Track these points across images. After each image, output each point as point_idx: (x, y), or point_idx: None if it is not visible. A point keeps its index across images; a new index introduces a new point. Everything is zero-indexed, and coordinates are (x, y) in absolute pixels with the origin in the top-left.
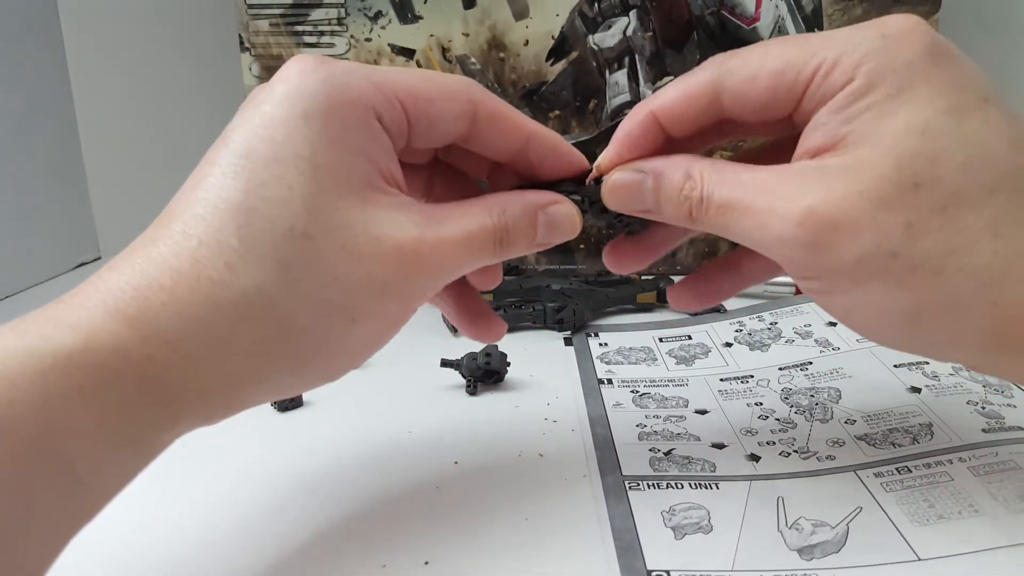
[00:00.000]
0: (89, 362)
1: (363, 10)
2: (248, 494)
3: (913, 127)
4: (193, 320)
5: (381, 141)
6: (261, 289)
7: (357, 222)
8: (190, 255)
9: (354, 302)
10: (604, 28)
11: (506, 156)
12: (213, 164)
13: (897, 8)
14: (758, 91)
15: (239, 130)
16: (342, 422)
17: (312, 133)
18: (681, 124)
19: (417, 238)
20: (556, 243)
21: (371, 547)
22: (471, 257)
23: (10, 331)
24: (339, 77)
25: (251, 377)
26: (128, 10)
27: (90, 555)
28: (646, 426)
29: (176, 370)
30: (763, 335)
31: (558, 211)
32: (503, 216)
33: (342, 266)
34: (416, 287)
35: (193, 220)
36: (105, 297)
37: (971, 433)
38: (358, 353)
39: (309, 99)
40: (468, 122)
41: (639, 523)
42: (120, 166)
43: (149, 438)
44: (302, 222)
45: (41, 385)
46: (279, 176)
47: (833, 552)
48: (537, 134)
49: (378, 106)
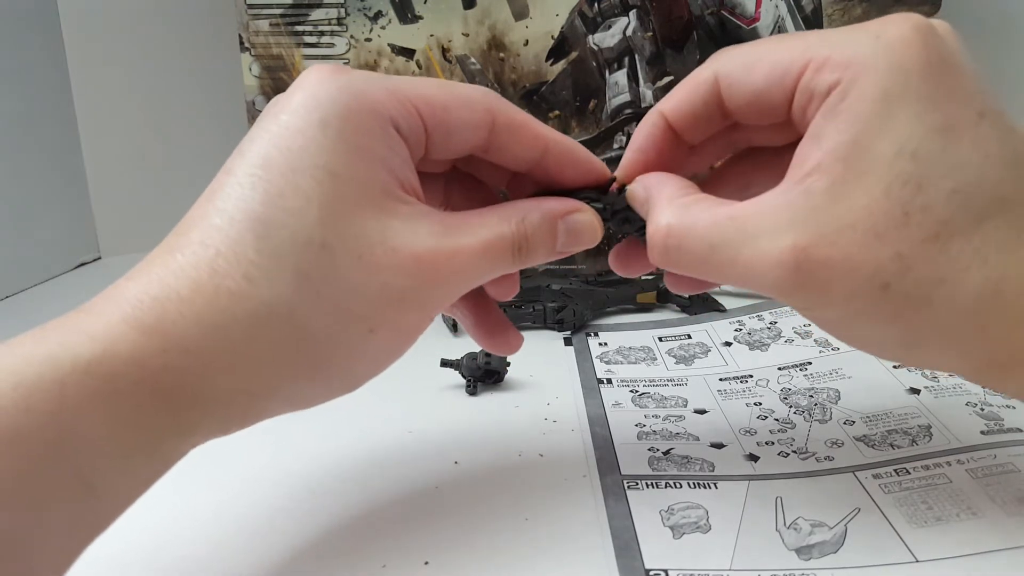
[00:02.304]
0: (106, 371)
1: (363, 10)
2: (248, 494)
3: (904, 149)
4: (211, 331)
5: (399, 150)
6: (279, 300)
7: (374, 232)
8: (208, 266)
9: (372, 312)
10: (604, 28)
11: (525, 166)
12: (230, 174)
13: (897, 8)
14: (754, 80)
15: (257, 140)
16: (342, 422)
17: (329, 142)
18: (689, 123)
19: (434, 247)
20: (576, 251)
21: (371, 547)
22: (489, 266)
23: (29, 338)
24: (356, 85)
25: (268, 388)
26: (128, 10)
27: (91, 555)
28: (645, 426)
29: (193, 380)
30: (763, 334)
31: (579, 219)
32: (522, 224)
33: (360, 276)
34: (434, 296)
35: (211, 230)
36: (123, 306)
37: (970, 435)
38: (376, 363)
39: (326, 107)
40: (487, 132)
41: (637, 522)
42: (120, 166)
43: (164, 448)
44: (320, 232)
45: (58, 393)
46: (297, 186)
47: (831, 552)
48: (557, 143)
49: (395, 114)
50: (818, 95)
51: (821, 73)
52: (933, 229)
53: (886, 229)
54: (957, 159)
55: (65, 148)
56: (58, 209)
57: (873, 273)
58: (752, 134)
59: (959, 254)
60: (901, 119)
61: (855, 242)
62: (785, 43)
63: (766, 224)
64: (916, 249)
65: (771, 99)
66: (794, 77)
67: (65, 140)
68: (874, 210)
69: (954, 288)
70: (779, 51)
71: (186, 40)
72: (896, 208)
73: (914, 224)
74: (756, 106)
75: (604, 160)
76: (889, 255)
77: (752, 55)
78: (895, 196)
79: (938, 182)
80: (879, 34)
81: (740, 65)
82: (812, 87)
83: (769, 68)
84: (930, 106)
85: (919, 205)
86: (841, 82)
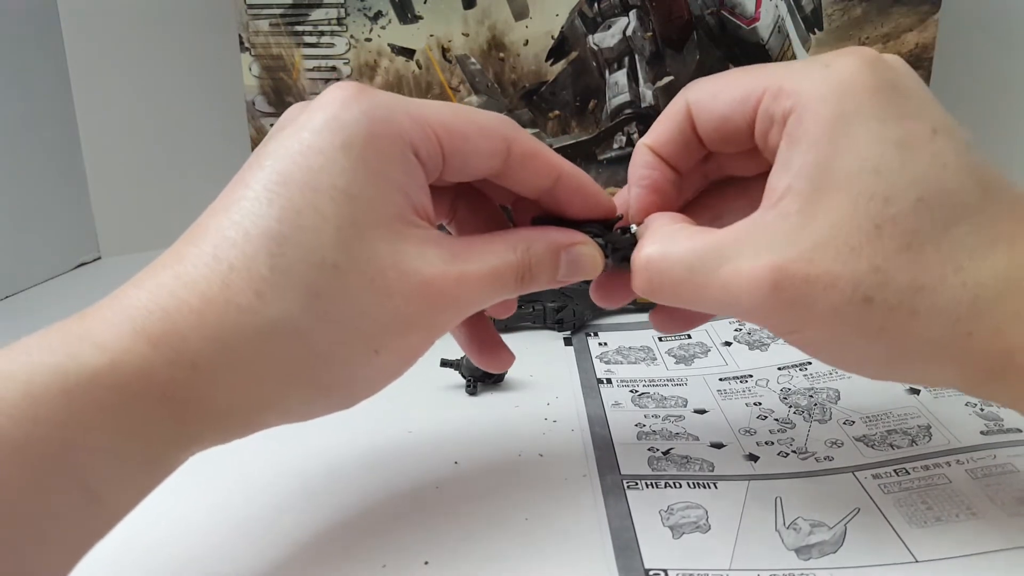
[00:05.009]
0: (114, 382)
1: (363, 10)
2: (249, 494)
3: (866, 166)
4: (220, 345)
5: (416, 175)
6: (289, 318)
7: (387, 255)
8: (220, 280)
9: (378, 334)
10: (604, 28)
11: (535, 193)
12: (247, 187)
13: (897, 8)
14: (719, 107)
15: (275, 155)
16: (342, 422)
17: (350, 165)
18: (672, 151)
19: (443, 272)
20: (576, 281)
21: (371, 547)
22: (495, 292)
23: (36, 346)
24: (379, 111)
25: (270, 402)
26: (128, 10)
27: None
28: (645, 425)
29: (199, 393)
30: (762, 334)
31: (581, 252)
32: (527, 253)
33: (370, 300)
34: (440, 320)
35: (225, 244)
36: (132, 315)
37: (969, 435)
38: (377, 382)
39: (350, 130)
40: (502, 160)
41: (637, 522)
42: (120, 166)
43: (166, 457)
44: (333, 253)
45: (65, 403)
46: (314, 206)
47: (830, 552)
48: (568, 175)
49: (415, 140)
50: (777, 121)
51: (777, 100)
52: (905, 239)
53: (860, 243)
54: (917, 171)
55: (65, 148)
56: (58, 209)
57: (854, 287)
58: (724, 163)
59: (932, 262)
60: (859, 137)
61: (831, 258)
62: (748, 74)
63: (743, 246)
64: (891, 260)
65: (735, 124)
66: (753, 104)
67: (65, 140)
68: (846, 226)
69: (934, 296)
70: (741, 80)
71: (186, 40)
72: (867, 222)
73: (886, 236)
74: (722, 132)
75: (604, 160)
76: (866, 268)
77: (718, 84)
78: (864, 210)
79: (903, 193)
80: (828, 63)
81: (708, 93)
82: (771, 113)
83: (731, 95)
84: (885, 124)
85: (889, 217)
86: (795, 108)
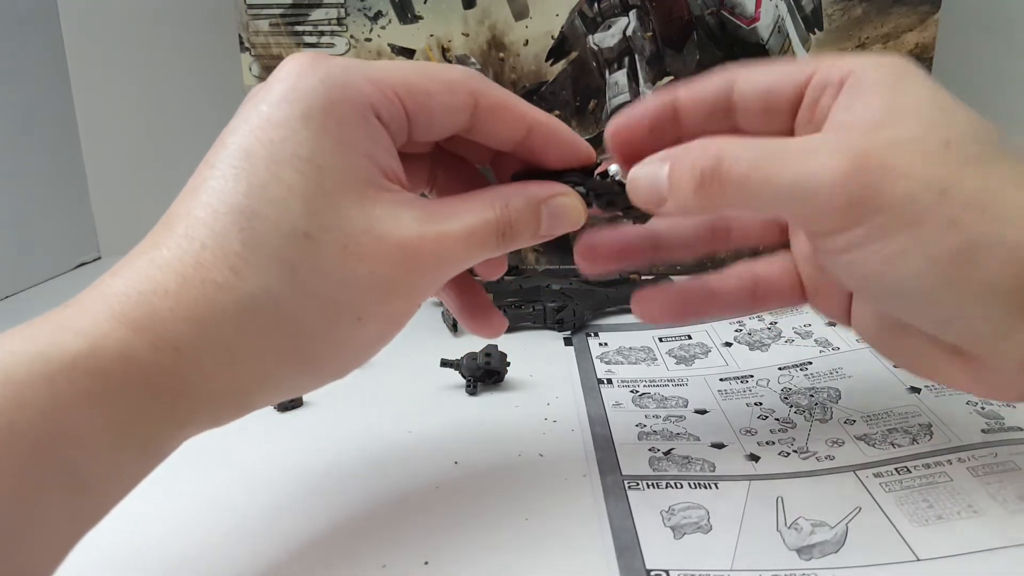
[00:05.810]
0: (95, 367)
1: (363, 10)
2: (248, 494)
3: (929, 104)
4: (199, 324)
5: (380, 138)
6: (266, 291)
7: (358, 221)
8: (193, 259)
9: (359, 301)
10: (604, 28)
11: (509, 145)
12: (212, 167)
13: (897, 8)
14: (767, 76)
15: (237, 131)
16: (342, 422)
17: (311, 133)
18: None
19: (419, 234)
20: (560, 234)
21: (371, 547)
22: (474, 251)
23: (18, 336)
24: (337, 76)
25: (259, 379)
26: (128, 10)
27: (90, 554)
28: (646, 426)
29: (183, 375)
30: (763, 335)
31: (562, 203)
32: (506, 209)
33: (346, 266)
34: (420, 283)
35: (195, 223)
36: (111, 301)
37: (970, 433)
38: (364, 350)
39: (308, 99)
40: (469, 114)
41: (638, 522)
42: (120, 166)
43: (156, 442)
44: (304, 223)
45: (48, 390)
46: (279, 177)
47: (832, 552)
48: (540, 123)
49: (376, 103)
50: (832, 84)
51: (833, 69)
52: (970, 156)
53: (932, 152)
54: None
55: (65, 148)
56: (58, 209)
57: (929, 180)
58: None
59: (997, 176)
60: (919, 87)
61: (908, 158)
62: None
63: (815, 144)
64: (962, 169)
65: (782, 95)
66: (806, 75)
67: (65, 140)
68: (919, 140)
69: (1003, 202)
70: (792, 63)
71: (186, 40)
72: (937, 140)
73: (955, 151)
74: (765, 102)
75: (604, 160)
76: (940, 168)
77: (767, 63)
78: (934, 128)
79: (963, 127)
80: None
81: (756, 68)
82: (826, 79)
83: (781, 70)
84: (938, 89)
85: (956, 137)
86: (854, 72)
